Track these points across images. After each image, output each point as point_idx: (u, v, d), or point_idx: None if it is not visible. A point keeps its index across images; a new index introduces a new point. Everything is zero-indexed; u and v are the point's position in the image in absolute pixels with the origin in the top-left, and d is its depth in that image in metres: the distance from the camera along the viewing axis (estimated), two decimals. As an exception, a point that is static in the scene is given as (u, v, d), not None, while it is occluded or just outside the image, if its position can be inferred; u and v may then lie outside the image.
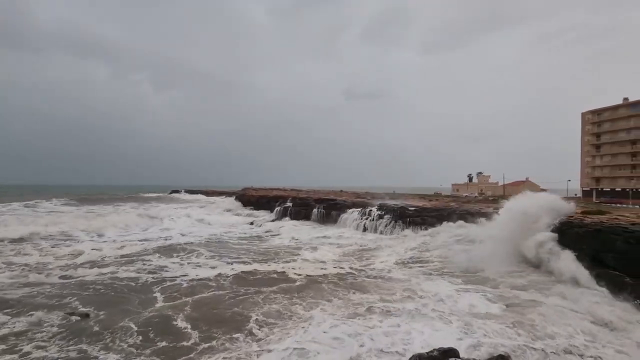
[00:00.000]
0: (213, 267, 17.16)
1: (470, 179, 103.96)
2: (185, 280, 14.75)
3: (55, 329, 9.54)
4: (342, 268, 17.26)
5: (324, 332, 9.50)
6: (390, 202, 33.98)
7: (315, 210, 37.45)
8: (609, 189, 60.73)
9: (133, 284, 14.23)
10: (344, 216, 33.09)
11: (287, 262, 18.71)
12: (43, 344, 8.69)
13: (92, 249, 20.77)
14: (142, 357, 8.31)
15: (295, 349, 8.52)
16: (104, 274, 15.48)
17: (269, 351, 8.51)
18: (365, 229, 29.46)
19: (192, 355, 8.44)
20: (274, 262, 18.53)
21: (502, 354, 8.12)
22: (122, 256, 19.48)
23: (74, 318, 10.28)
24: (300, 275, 15.66)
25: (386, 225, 27.84)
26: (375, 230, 28.40)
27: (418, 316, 10.68)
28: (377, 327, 9.83)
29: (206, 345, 8.95)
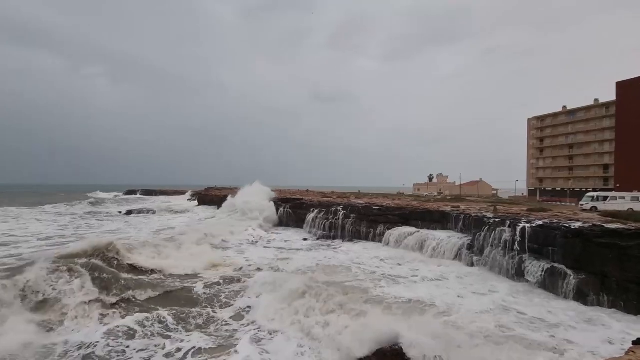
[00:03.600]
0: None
1: (431, 179, 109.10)
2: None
3: None
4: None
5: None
6: (356, 202, 34.72)
7: (281, 209, 37.26)
8: (550, 189, 66.82)
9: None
10: (310, 216, 33.28)
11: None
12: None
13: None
14: None
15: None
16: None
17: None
18: (331, 230, 29.89)
19: None
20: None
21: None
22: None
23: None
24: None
25: (351, 225, 28.53)
26: (341, 235, 28.97)
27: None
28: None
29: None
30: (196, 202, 62.58)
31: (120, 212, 48.05)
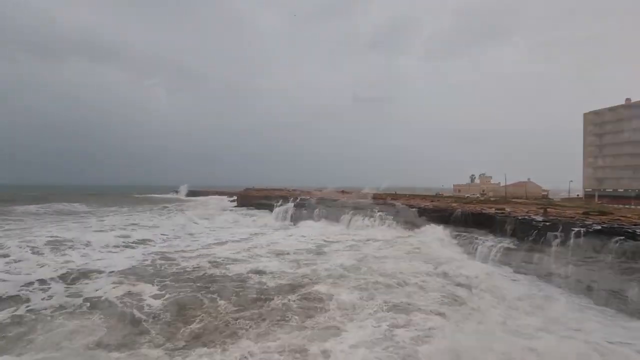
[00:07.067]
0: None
1: (473, 180, 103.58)
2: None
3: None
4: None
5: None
6: (393, 203, 34.02)
7: (317, 210, 37.55)
8: (611, 190, 60.48)
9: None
10: (344, 217, 33.19)
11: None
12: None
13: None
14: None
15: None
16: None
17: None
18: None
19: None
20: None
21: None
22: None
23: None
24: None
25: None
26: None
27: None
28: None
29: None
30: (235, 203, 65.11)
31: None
